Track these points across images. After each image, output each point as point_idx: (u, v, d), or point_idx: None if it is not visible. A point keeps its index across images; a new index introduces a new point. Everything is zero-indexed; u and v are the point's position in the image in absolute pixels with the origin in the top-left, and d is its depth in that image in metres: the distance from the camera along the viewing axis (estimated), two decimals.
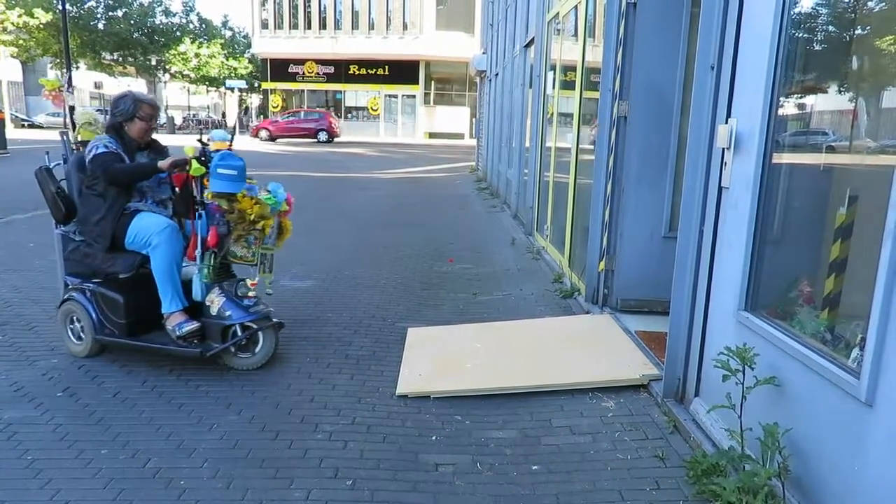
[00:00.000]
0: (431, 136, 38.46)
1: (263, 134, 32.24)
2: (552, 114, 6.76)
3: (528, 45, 8.58)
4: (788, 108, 2.58)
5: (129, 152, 3.59)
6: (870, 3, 2.43)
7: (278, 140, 31.49)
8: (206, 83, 49.16)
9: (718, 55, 2.76)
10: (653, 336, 3.92)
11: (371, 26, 38.17)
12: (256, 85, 47.42)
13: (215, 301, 3.48)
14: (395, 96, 39.42)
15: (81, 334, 3.66)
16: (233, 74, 47.49)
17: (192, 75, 46.16)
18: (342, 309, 4.74)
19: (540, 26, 7.38)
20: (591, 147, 4.81)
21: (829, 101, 2.66)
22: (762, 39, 2.44)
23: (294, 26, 38.90)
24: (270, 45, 38.96)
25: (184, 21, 45.36)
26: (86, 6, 37.38)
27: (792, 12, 2.40)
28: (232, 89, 45.86)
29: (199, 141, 3.44)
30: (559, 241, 6.17)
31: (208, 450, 2.72)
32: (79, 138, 3.74)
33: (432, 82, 39.34)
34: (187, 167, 3.38)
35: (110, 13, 39.14)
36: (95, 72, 42.52)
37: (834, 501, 1.99)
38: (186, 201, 3.52)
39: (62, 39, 11.32)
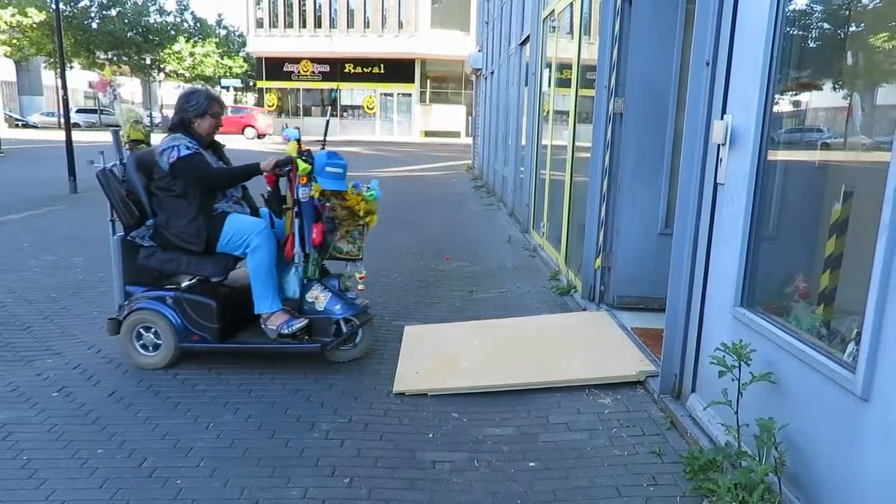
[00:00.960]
0: (427, 134, 38.42)
1: None
2: (548, 111, 6.76)
3: (523, 43, 8.58)
4: (784, 104, 2.58)
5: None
6: (863, 0, 2.44)
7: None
8: (202, 82, 49.02)
9: (714, 51, 2.76)
10: (649, 333, 3.93)
11: (366, 24, 38.08)
12: (252, 84, 47.31)
13: (320, 297, 3.50)
14: (391, 95, 39.34)
15: (158, 342, 3.51)
16: (228, 73, 47.37)
17: (187, 74, 46.01)
18: None
19: (535, 24, 7.38)
20: (587, 144, 4.81)
21: (824, 98, 2.66)
22: (757, 35, 2.45)
23: (289, 25, 38.79)
24: (265, 43, 38.83)
25: (178, 20, 45.23)
26: (79, 5, 37.23)
27: (787, 9, 2.40)
28: (227, 88, 45.78)
29: (297, 141, 3.45)
30: (555, 238, 6.18)
31: (205, 448, 2.72)
32: (129, 137, 3.61)
33: (428, 81, 39.29)
34: (289, 167, 3.39)
35: (104, 12, 38.99)
36: (90, 71, 42.36)
37: (830, 495, 1.99)
38: (279, 200, 3.54)
39: (56, 38, 11.25)
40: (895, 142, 1.70)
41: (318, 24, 38.49)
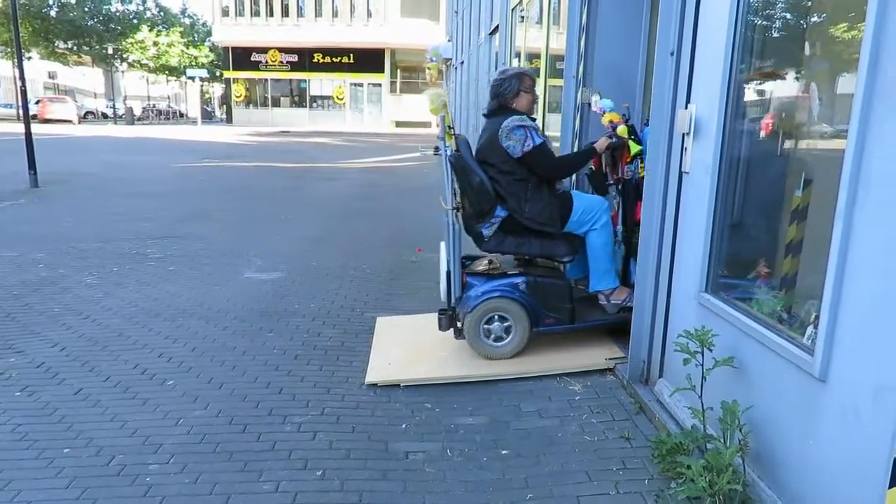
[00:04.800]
0: (398, 124, 38.28)
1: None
2: None
3: (492, 33, 8.58)
4: (747, 94, 2.63)
5: None
6: None
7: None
8: (166, 72, 47.98)
9: (678, 41, 2.79)
10: None
11: (335, 13, 37.67)
12: (218, 74, 46.46)
13: None
14: (361, 85, 39.06)
15: (505, 329, 3.48)
16: (193, 63, 46.45)
17: (151, 64, 45.01)
18: (310, 300, 4.70)
19: (504, 13, 7.38)
20: (557, 134, 4.84)
21: (786, 88, 2.71)
22: (720, 25, 2.48)
23: (256, 13, 38.15)
24: (232, 32, 38.16)
25: (141, 8, 44.19)
26: None
27: None
28: (193, 79, 45.01)
29: (624, 117, 3.48)
30: None
31: (175, 445, 2.69)
32: (450, 123, 3.51)
33: (398, 70, 39.08)
34: (615, 148, 3.46)
35: (63, 0, 37.85)
36: (49, 61, 41.15)
37: (790, 475, 2.06)
38: (602, 178, 3.58)
39: (12, 27, 10.88)
40: (850, 130, 1.75)
41: (285, 12, 37.95)
